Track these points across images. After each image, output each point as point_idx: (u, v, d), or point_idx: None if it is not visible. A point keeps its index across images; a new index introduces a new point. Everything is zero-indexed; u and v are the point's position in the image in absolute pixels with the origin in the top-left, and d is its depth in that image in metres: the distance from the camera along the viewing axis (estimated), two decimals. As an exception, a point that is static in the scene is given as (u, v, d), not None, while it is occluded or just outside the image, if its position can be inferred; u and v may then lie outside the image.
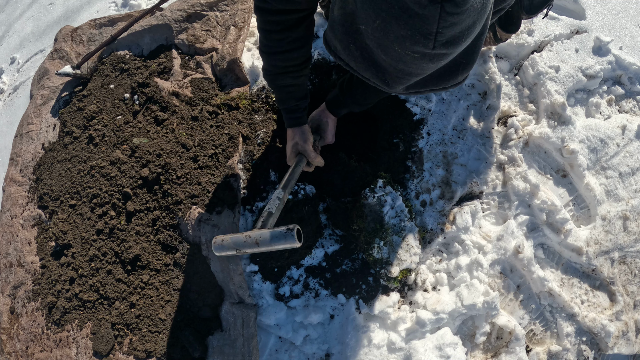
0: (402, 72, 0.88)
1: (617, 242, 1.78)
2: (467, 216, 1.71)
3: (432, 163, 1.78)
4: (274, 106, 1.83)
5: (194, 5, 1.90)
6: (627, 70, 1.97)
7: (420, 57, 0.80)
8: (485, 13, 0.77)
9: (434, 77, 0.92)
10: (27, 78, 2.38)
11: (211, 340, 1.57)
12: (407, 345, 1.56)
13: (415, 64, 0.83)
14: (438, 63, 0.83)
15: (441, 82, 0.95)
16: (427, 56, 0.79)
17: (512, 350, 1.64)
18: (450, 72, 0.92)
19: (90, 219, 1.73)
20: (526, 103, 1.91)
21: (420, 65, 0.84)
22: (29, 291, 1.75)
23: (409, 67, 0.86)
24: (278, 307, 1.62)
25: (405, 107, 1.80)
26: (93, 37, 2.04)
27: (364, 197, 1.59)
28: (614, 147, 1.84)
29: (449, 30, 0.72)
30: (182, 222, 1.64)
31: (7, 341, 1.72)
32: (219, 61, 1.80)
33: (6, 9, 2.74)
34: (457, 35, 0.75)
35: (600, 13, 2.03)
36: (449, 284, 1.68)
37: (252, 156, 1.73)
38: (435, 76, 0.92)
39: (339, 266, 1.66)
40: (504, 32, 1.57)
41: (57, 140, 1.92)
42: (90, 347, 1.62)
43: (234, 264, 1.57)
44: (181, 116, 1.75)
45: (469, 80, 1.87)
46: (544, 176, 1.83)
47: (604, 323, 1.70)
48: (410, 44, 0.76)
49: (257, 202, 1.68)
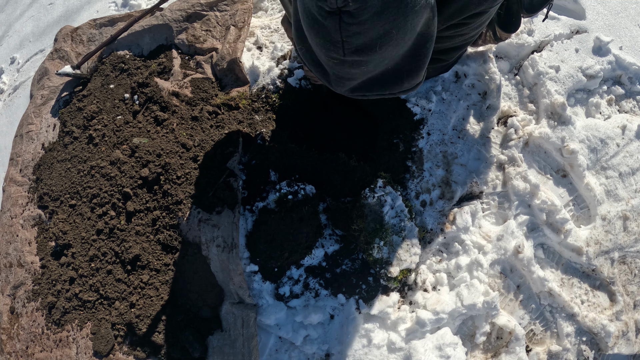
0: (336, 75, 0.90)
1: (617, 242, 1.78)
2: (467, 216, 1.71)
3: (432, 163, 1.78)
4: (274, 106, 1.83)
5: (194, 5, 1.90)
6: (627, 70, 1.97)
7: (340, 63, 0.82)
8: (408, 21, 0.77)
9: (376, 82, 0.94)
10: (27, 78, 2.38)
11: (211, 340, 1.57)
12: (407, 345, 1.56)
13: (339, 68, 0.85)
14: (360, 69, 0.84)
15: (386, 88, 0.96)
16: (345, 63, 0.81)
17: (512, 350, 1.64)
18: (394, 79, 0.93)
19: (90, 219, 1.73)
20: (526, 103, 1.91)
21: (344, 70, 0.85)
22: (29, 291, 1.75)
23: (337, 72, 0.87)
24: (278, 307, 1.62)
25: (405, 107, 1.80)
26: (93, 37, 2.04)
27: (364, 197, 1.59)
28: (614, 147, 1.84)
29: (355, 39, 0.73)
30: (182, 222, 1.64)
31: (7, 341, 1.72)
32: (219, 61, 1.80)
33: (6, 9, 2.73)
34: (367, 43, 0.75)
35: (600, 13, 2.03)
36: (449, 284, 1.68)
37: (252, 156, 1.74)
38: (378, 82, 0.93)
39: (339, 266, 1.66)
40: (504, 32, 1.57)
41: (57, 140, 1.92)
42: (90, 347, 1.62)
43: (234, 264, 1.57)
44: (181, 116, 1.75)
45: (469, 80, 1.87)
46: (544, 176, 1.83)
47: (604, 323, 1.70)
48: (327, 51, 0.79)
49: (257, 202, 1.68)
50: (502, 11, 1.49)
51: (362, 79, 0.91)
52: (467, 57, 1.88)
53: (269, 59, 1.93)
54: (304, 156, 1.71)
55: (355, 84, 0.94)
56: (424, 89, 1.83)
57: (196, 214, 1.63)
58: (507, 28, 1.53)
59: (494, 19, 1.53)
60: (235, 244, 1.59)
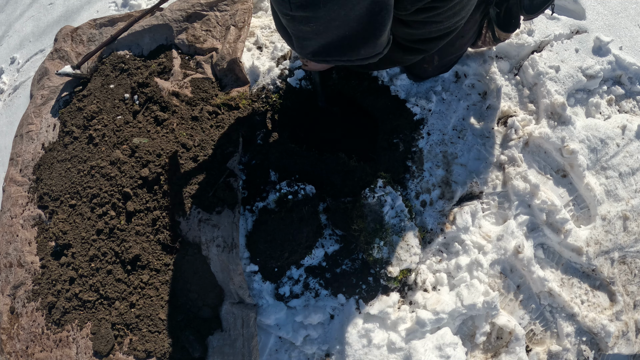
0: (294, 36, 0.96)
1: (617, 242, 1.78)
2: (467, 216, 1.71)
3: (432, 163, 1.78)
4: (274, 106, 1.83)
5: (194, 5, 1.90)
6: (627, 70, 1.97)
7: (291, 19, 0.89)
8: None
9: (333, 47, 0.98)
10: (27, 78, 2.38)
11: (211, 340, 1.57)
12: (407, 345, 1.56)
13: (292, 25, 0.92)
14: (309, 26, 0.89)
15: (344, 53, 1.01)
16: (295, 18, 0.88)
17: (512, 350, 1.64)
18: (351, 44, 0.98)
19: (90, 219, 1.73)
20: (526, 103, 1.91)
21: (296, 28, 0.92)
22: (29, 291, 1.75)
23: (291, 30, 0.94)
24: (278, 307, 1.62)
25: (405, 107, 1.80)
26: (93, 37, 2.04)
27: (364, 197, 1.59)
28: (614, 147, 1.84)
29: None
30: (182, 222, 1.64)
31: (7, 341, 1.72)
32: (219, 61, 1.80)
33: (6, 9, 2.73)
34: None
35: (600, 13, 2.03)
36: (449, 284, 1.68)
37: (252, 156, 1.74)
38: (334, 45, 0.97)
39: (339, 266, 1.66)
40: (503, 32, 1.57)
41: (57, 140, 1.92)
42: (90, 347, 1.62)
43: (234, 264, 1.57)
44: (181, 116, 1.75)
45: (469, 80, 1.87)
46: (544, 176, 1.83)
47: (604, 323, 1.70)
48: (277, 5, 0.87)
49: (257, 202, 1.68)
50: (502, 11, 1.49)
51: (318, 41, 0.96)
52: (467, 57, 1.88)
53: (269, 59, 1.93)
54: (304, 156, 1.71)
55: (314, 46, 0.99)
56: (424, 88, 1.83)
57: (196, 214, 1.63)
58: (506, 28, 1.53)
59: (493, 19, 1.52)
60: (235, 244, 1.59)
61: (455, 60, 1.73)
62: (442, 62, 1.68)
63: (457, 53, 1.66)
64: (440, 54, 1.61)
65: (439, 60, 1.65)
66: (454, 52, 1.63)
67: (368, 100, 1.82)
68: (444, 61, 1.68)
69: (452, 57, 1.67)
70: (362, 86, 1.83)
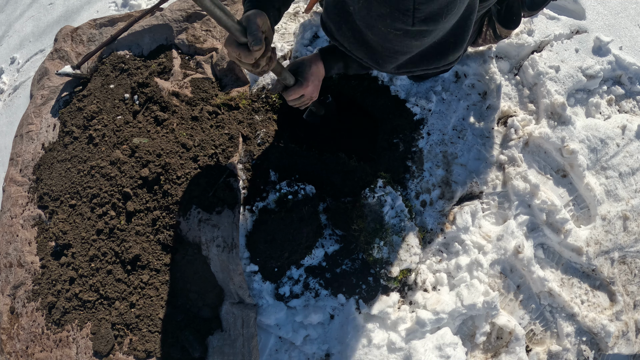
0: (389, 50, 0.90)
1: (617, 242, 1.78)
2: (467, 216, 1.71)
3: (432, 163, 1.78)
4: (274, 106, 1.83)
5: (194, 5, 1.90)
6: (627, 70, 1.97)
7: (403, 35, 0.82)
8: None
9: (424, 56, 0.94)
10: (27, 78, 2.38)
11: (211, 340, 1.57)
12: (407, 345, 1.56)
13: (399, 41, 0.85)
14: (422, 40, 0.85)
15: (432, 62, 0.97)
16: (409, 33, 0.81)
17: (512, 350, 1.64)
18: (441, 51, 0.94)
19: (90, 219, 1.73)
20: (526, 103, 1.91)
21: (404, 43, 0.86)
22: (29, 291, 1.75)
23: (394, 45, 0.88)
24: (278, 307, 1.62)
25: (405, 107, 1.80)
26: (93, 37, 2.04)
27: (364, 197, 1.59)
28: (614, 147, 1.84)
29: (426, 6, 0.74)
30: (182, 222, 1.64)
31: (7, 341, 1.72)
32: (219, 61, 1.80)
33: (6, 9, 2.74)
34: (435, 11, 0.76)
35: (600, 13, 2.03)
36: (449, 284, 1.68)
37: (252, 156, 1.73)
38: (426, 55, 0.94)
39: (339, 266, 1.66)
40: (504, 29, 1.56)
41: (57, 140, 1.92)
42: (90, 347, 1.62)
43: (234, 264, 1.57)
44: (181, 116, 1.75)
45: (469, 80, 1.87)
46: (544, 176, 1.83)
47: (604, 323, 1.70)
48: (391, 21, 0.79)
49: (257, 202, 1.68)
50: (502, 8, 1.49)
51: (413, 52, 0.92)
52: (467, 57, 1.88)
53: (269, 59, 1.92)
54: (304, 156, 1.71)
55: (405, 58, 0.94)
56: (424, 88, 1.83)
57: (196, 214, 1.63)
58: (507, 25, 1.52)
59: (494, 15, 1.52)
60: (235, 244, 1.59)
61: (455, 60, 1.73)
62: None
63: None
64: None
65: None
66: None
67: (368, 100, 1.82)
68: None
69: None
70: (362, 86, 1.83)
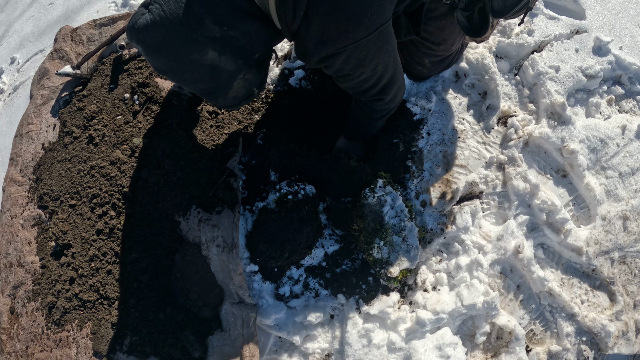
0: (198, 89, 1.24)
1: (617, 242, 1.78)
2: (467, 216, 1.71)
3: (432, 163, 1.78)
4: (274, 106, 1.83)
5: (194, 5, 1.89)
6: (627, 70, 1.97)
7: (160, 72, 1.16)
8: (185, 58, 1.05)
9: (203, 94, 1.23)
10: (27, 78, 2.38)
11: (211, 340, 1.57)
12: (407, 345, 1.56)
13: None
14: (173, 79, 1.18)
15: (210, 99, 1.25)
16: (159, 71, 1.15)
17: (512, 350, 1.64)
18: (211, 95, 1.21)
19: (90, 219, 1.73)
20: (526, 103, 1.91)
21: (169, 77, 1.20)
22: (29, 291, 1.75)
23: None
24: (278, 307, 1.62)
25: (405, 107, 1.80)
26: (93, 37, 2.04)
27: (364, 197, 1.59)
28: (614, 147, 1.84)
29: (150, 63, 1.10)
30: (182, 222, 1.64)
31: (7, 341, 1.72)
32: (219, 61, 1.80)
33: (6, 9, 2.73)
34: (160, 68, 1.10)
35: (600, 13, 2.03)
36: (449, 284, 1.68)
37: (252, 156, 1.73)
38: (204, 93, 1.22)
39: (339, 266, 1.66)
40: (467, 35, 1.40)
41: (57, 140, 1.92)
42: (90, 347, 1.62)
43: (234, 264, 1.57)
44: (181, 116, 1.75)
45: (469, 80, 1.87)
46: (544, 176, 1.83)
47: (604, 323, 1.70)
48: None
49: (257, 202, 1.68)
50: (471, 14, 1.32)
51: (189, 89, 1.26)
52: (467, 57, 1.88)
53: (269, 59, 1.92)
54: (304, 156, 1.71)
55: (188, 89, 1.31)
56: (424, 88, 1.83)
57: (196, 214, 1.63)
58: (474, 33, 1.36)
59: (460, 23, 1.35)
60: (235, 244, 1.59)
61: (451, 60, 1.72)
62: (435, 65, 1.68)
63: (446, 54, 1.63)
64: (430, 57, 1.60)
65: (431, 63, 1.65)
66: (442, 54, 1.61)
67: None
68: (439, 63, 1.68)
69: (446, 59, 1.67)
70: (362, 86, 1.83)
